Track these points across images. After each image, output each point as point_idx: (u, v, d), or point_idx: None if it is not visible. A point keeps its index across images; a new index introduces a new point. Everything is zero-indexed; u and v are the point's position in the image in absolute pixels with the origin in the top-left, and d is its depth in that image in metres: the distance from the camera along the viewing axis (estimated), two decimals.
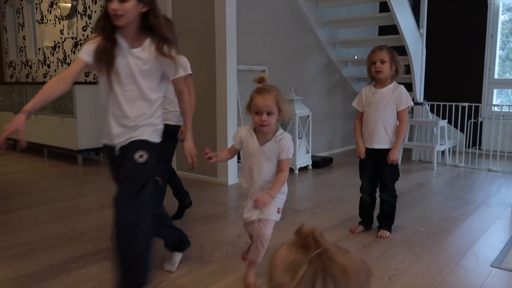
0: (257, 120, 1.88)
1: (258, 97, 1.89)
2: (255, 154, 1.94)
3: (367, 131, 2.63)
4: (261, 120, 1.87)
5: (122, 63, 1.74)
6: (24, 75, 6.53)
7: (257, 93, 1.91)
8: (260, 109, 1.87)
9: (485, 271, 2.20)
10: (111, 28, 1.71)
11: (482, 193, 3.75)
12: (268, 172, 1.94)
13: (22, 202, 3.44)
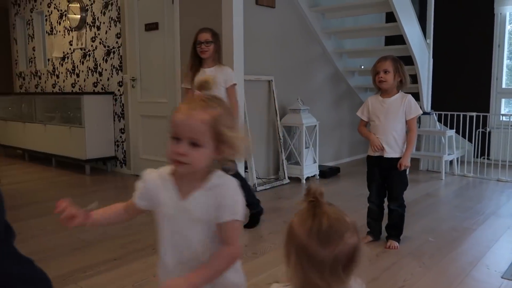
0: (171, 151, 1.08)
1: (179, 113, 1.14)
2: (173, 214, 1.15)
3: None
4: (177, 152, 1.07)
5: None
6: (33, 86, 6.60)
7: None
8: (177, 133, 1.09)
9: (496, 282, 2.16)
10: None
11: (492, 203, 3.71)
12: (196, 243, 1.12)
13: (30, 211, 3.45)
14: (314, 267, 0.81)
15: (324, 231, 0.81)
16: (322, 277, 0.81)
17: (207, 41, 2.89)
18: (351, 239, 0.83)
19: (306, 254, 0.81)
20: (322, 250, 0.80)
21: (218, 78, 2.88)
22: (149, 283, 2.15)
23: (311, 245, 0.81)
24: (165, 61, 4.46)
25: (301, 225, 0.84)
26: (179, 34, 4.24)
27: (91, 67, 5.36)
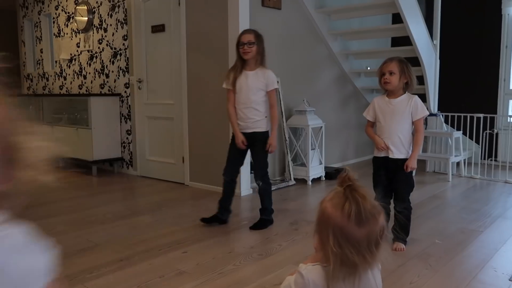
0: None
1: None
2: None
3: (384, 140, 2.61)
4: None
5: None
6: (41, 87, 6.65)
7: None
8: None
9: (503, 285, 2.15)
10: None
11: (499, 205, 3.69)
12: None
13: (37, 212, 3.48)
14: (352, 245, 0.90)
15: (362, 212, 0.91)
16: (359, 254, 0.91)
17: (249, 42, 2.87)
18: (382, 220, 0.94)
19: (345, 235, 0.90)
20: (360, 230, 0.90)
21: (258, 82, 2.91)
22: (155, 284, 2.16)
23: (351, 226, 0.90)
24: (171, 62, 4.48)
25: (337, 209, 0.93)
26: (186, 36, 4.26)
27: (98, 69, 5.39)
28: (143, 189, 4.36)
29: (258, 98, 2.94)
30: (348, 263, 0.91)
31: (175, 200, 3.83)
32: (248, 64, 2.93)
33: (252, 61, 2.92)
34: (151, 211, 3.48)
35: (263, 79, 2.92)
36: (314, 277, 0.95)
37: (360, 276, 0.94)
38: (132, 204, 3.81)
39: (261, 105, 2.95)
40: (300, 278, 0.97)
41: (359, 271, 0.93)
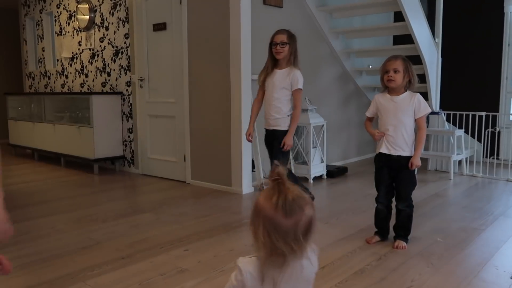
0: None
1: None
2: None
3: (387, 139, 2.60)
4: None
5: None
6: (42, 86, 6.66)
7: None
8: None
9: (504, 283, 2.15)
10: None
11: (501, 203, 3.68)
12: None
13: (39, 211, 3.48)
14: (280, 235, 0.97)
15: (288, 204, 0.97)
16: (286, 243, 0.97)
17: (282, 42, 2.92)
18: (309, 211, 0.99)
19: (273, 225, 0.97)
20: (286, 220, 0.96)
21: (283, 81, 2.95)
22: (156, 282, 2.16)
23: (278, 216, 0.96)
24: (173, 61, 4.48)
25: (267, 200, 0.99)
26: (187, 34, 4.25)
27: (100, 67, 5.39)
28: (145, 187, 4.36)
29: (281, 96, 2.98)
30: (276, 252, 0.98)
31: (176, 198, 3.83)
32: (280, 64, 2.99)
33: (283, 60, 2.97)
34: (153, 209, 3.48)
35: (288, 79, 2.95)
36: (250, 268, 1.02)
37: (289, 264, 1.00)
38: (133, 202, 3.82)
39: (283, 104, 2.99)
40: (238, 271, 1.04)
41: (287, 260, 0.99)
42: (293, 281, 1.04)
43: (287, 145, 2.98)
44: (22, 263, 2.41)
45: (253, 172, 4.15)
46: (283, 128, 3.02)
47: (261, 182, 4.14)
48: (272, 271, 1.01)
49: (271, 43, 2.97)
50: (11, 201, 3.81)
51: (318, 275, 2.23)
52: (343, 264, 2.38)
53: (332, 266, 2.35)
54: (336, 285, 2.12)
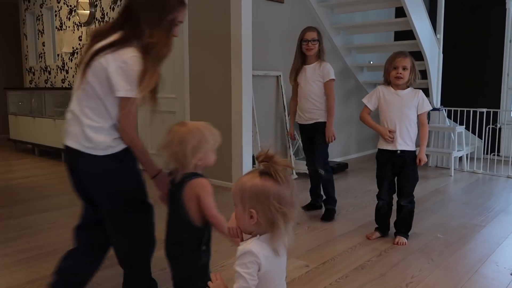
0: None
1: None
2: None
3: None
4: None
5: None
6: (43, 81, 6.65)
7: None
8: None
9: (505, 279, 2.15)
10: None
11: (501, 200, 3.68)
12: None
13: (40, 206, 3.49)
14: (288, 204, 1.07)
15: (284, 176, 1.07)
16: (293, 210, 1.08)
17: (313, 39, 3.02)
18: (293, 182, 1.10)
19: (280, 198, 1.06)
20: (286, 190, 1.07)
21: (315, 74, 3.05)
22: (157, 277, 2.16)
23: (282, 189, 1.06)
24: (173, 57, 4.46)
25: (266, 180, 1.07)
26: (188, 29, 4.24)
27: None
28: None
29: (315, 89, 3.06)
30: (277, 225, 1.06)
31: None
32: (309, 60, 3.09)
33: (313, 56, 3.07)
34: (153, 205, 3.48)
35: (319, 71, 3.04)
36: (259, 248, 1.06)
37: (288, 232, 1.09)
38: None
39: (319, 97, 3.08)
40: (251, 257, 1.05)
41: (288, 228, 1.09)
42: (283, 250, 1.13)
43: (329, 136, 3.08)
44: (23, 258, 2.42)
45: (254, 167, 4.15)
46: (321, 120, 3.10)
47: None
48: (276, 244, 1.08)
49: (301, 40, 3.06)
50: (12, 196, 3.82)
51: (318, 271, 2.25)
52: (344, 259, 2.39)
53: (332, 261, 2.36)
54: (337, 281, 2.12)
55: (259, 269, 1.06)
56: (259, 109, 4.24)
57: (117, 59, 1.59)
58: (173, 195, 1.67)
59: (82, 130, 1.69)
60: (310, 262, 2.34)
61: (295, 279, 2.14)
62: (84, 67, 1.67)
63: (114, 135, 1.70)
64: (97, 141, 1.67)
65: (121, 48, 1.59)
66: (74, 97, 1.76)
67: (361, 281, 2.12)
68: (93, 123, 1.67)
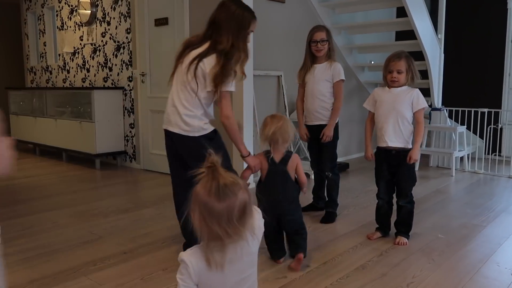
0: None
1: None
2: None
3: (382, 129, 2.60)
4: None
5: None
6: (44, 81, 6.65)
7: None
8: None
9: (506, 279, 2.15)
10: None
11: (503, 200, 3.68)
12: None
13: (41, 205, 3.49)
14: (214, 218, 1.02)
15: (221, 189, 1.02)
16: (220, 226, 1.02)
17: (322, 40, 2.93)
18: (242, 196, 1.05)
19: (207, 209, 1.02)
20: (219, 204, 1.01)
21: (325, 73, 2.96)
22: (158, 276, 2.17)
23: (211, 200, 1.02)
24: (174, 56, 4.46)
25: (202, 187, 1.04)
26: (189, 29, 4.24)
27: (101, 62, 5.39)
28: (146, 183, 4.37)
29: (324, 89, 2.97)
30: (214, 236, 1.03)
31: None
32: (319, 59, 3.00)
33: (323, 56, 2.98)
34: (154, 204, 3.49)
35: (329, 71, 2.95)
36: (193, 258, 1.07)
37: (228, 248, 1.06)
38: (135, 197, 3.82)
39: (327, 97, 2.99)
40: (183, 264, 1.08)
41: (225, 244, 1.05)
42: (238, 263, 1.10)
43: (327, 136, 2.99)
44: (24, 257, 2.42)
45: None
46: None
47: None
48: (216, 255, 1.06)
49: (309, 41, 2.99)
50: (13, 196, 3.82)
51: (319, 271, 2.25)
52: (344, 260, 2.39)
53: (333, 261, 2.36)
54: (338, 281, 2.12)
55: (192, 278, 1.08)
56: (260, 109, 4.24)
57: (211, 63, 2.14)
58: (279, 167, 2.28)
59: (181, 118, 2.24)
60: (311, 262, 2.34)
61: (296, 279, 2.14)
62: (186, 70, 2.21)
63: (205, 120, 2.25)
64: (193, 125, 2.22)
65: (211, 54, 2.16)
66: (173, 93, 2.32)
67: (362, 281, 2.12)
68: (189, 112, 2.21)
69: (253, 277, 1.17)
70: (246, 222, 1.06)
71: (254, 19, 2.32)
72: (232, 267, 1.09)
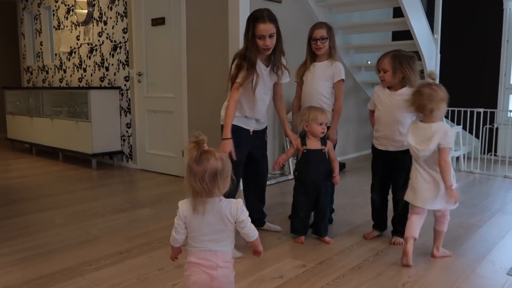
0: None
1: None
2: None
3: (382, 133, 2.60)
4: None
5: None
6: (40, 80, 6.64)
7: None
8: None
9: (501, 279, 2.16)
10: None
11: (498, 200, 3.69)
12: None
13: (37, 205, 3.49)
14: (193, 176, 1.43)
15: (199, 156, 1.43)
16: (196, 182, 1.43)
17: (322, 37, 2.79)
18: (214, 163, 1.42)
19: (189, 170, 1.44)
20: (197, 167, 1.43)
21: (324, 72, 2.82)
22: (154, 276, 2.17)
23: (193, 164, 1.43)
24: (171, 56, 4.46)
25: (190, 155, 1.44)
26: (186, 29, 4.24)
27: (98, 62, 5.38)
28: (143, 182, 4.36)
29: (323, 89, 2.81)
30: (195, 191, 1.44)
31: (174, 193, 3.84)
32: (319, 58, 2.87)
33: (324, 55, 2.85)
34: (151, 204, 3.49)
35: (330, 70, 2.81)
36: (184, 206, 1.51)
37: (206, 200, 1.45)
38: (131, 197, 3.82)
39: (326, 97, 2.82)
40: (179, 208, 1.52)
41: (203, 197, 1.44)
42: (214, 213, 1.47)
43: (332, 139, 2.79)
44: (20, 258, 2.42)
45: None
46: (328, 124, 2.82)
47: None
48: (199, 205, 1.46)
49: (309, 38, 2.87)
50: (9, 196, 3.81)
51: (315, 271, 2.25)
52: (341, 259, 2.39)
53: (329, 261, 2.36)
54: (334, 281, 2.13)
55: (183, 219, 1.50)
56: None
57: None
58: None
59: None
60: (307, 262, 2.34)
61: (292, 278, 2.14)
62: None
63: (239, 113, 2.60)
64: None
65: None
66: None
67: (358, 281, 2.13)
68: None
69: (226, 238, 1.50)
70: (216, 183, 1.43)
71: (254, 23, 2.54)
72: (208, 216, 1.47)
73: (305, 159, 2.61)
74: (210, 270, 1.47)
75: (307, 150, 2.59)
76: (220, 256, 1.48)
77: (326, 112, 2.62)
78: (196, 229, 1.49)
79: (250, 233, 1.52)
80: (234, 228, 1.50)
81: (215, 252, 1.48)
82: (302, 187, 2.63)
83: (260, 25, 2.50)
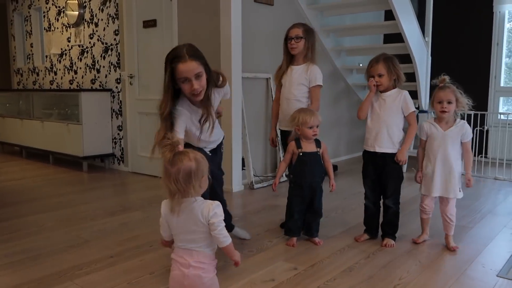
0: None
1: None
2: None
3: (370, 134, 2.62)
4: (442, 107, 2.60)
5: None
6: (31, 82, 6.58)
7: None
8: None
9: (491, 281, 2.17)
10: None
11: (489, 201, 3.72)
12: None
13: (27, 209, 3.45)
14: (167, 177, 1.48)
15: (171, 159, 1.49)
16: (170, 183, 1.48)
17: (297, 36, 2.72)
18: (188, 164, 1.48)
19: (165, 171, 1.50)
20: (171, 168, 1.48)
21: (301, 77, 2.76)
22: (145, 280, 2.16)
23: (167, 166, 1.49)
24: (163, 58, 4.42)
25: (164, 157, 1.50)
26: (177, 31, 4.23)
27: (89, 64, 5.35)
28: (134, 185, 4.34)
29: (300, 93, 2.78)
30: (170, 192, 1.49)
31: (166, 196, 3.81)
32: (296, 59, 2.80)
33: (300, 56, 2.78)
34: (142, 207, 3.47)
35: (306, 75, 2.76)
36: (164, 205, 1.58)
37: (181, 201, 1.50)
38: (123, 200, 3.79)
39: (303, 102, 2.78)
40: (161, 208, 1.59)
41: (178, 197, 1.50)
42: (187, 214, 1.52)
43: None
44: (9, 262, 2.39)
45: (243, 170, 4.15)
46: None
47: (251, 181, 4.14)
48: (175, 205, 1.51)
49: (286, 38, 2.79)
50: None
51: (307, 274, 2.25)
52: (332, 262, 2.40)
53: (320, 264, 2.36)
54: (325, 283, 2.13)
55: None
56: (248, 111, 4.24)
57: None
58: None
59: None
60: (298, 265, 2.34)
61: (284, 282, 2.14)
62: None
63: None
64: None
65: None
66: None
67: (349, 283, 2.13)
68: None
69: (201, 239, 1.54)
70: (191, 184, 1.48)
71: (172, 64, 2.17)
72: (182, 216, 1.52)
73: (301, 162, 2.60)
74: (183, 268, 1.54)
75: (303, 153, 2.59)
76: (194, 256, 1.53)
77: (315, 115, 2.60)
78: (174, 228, 1.57)
79: (220, 238, 1.51)
80: (208, 229, 1.51)
81: (191, 251, 1.54)
82: (298, 190, 2.63)
83: (179, 66, 2.08)
